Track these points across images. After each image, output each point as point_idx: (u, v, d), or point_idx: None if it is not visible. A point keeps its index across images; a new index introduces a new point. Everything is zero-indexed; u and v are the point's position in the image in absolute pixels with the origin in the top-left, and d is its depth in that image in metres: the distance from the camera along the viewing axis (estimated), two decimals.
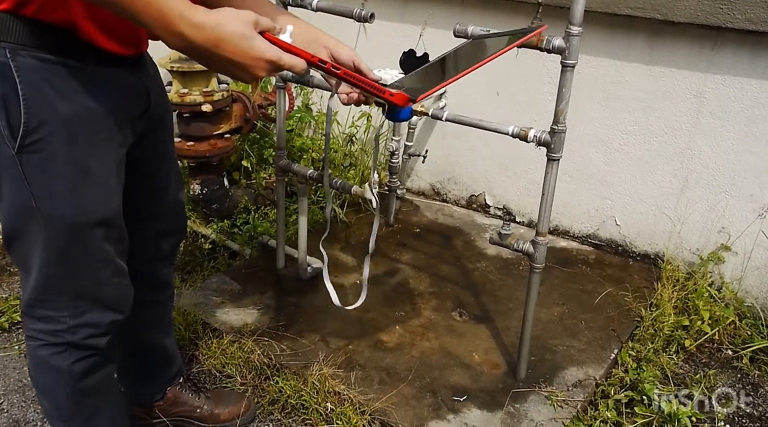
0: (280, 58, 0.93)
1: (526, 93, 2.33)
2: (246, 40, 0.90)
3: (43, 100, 1.00)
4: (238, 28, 0.90)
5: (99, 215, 1.11)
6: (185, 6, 0.88)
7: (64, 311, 1.15)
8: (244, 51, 0.91)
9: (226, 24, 0.89)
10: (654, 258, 2.27)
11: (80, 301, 1.16)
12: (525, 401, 1.65)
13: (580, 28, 1.34)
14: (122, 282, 1.22)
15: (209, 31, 0.88)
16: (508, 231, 1.59)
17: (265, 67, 0.93)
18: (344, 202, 2.55)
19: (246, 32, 0.90)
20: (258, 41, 0.92)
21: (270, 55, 0.92)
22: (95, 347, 1.21)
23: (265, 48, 0.92)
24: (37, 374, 1.24)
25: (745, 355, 1.90)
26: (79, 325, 1.17)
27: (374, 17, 1.61)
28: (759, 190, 2.01)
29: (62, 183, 1.06)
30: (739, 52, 1.93)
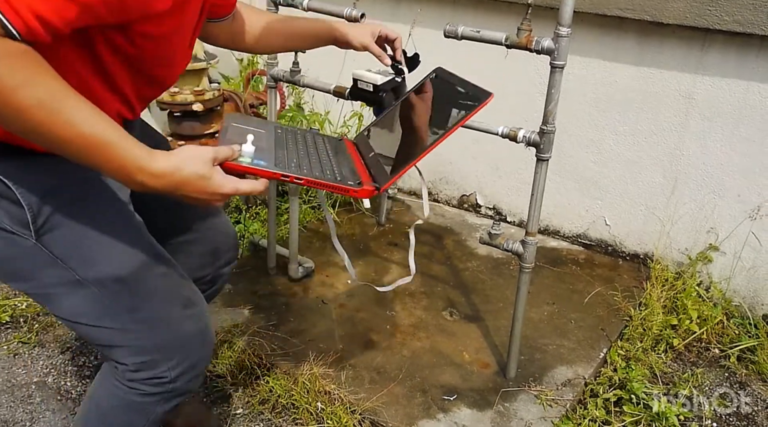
0: (237, 189, 0.97)
1: (516, 94, 2.34)
2: (203, 180, 0.94)
3: (31, 180, 0.99)
4: (196, 170, 0.93)
5: (139, 259, 1.09)
6: (143, 156, 0.90)
7: (162, 366, 1.13)
8: (202, 189, 0.94)
9: (183, 168, 0.92)
10: (643, 258, 2.29)
11: (170, 350, 1.13)
12: (515, 400, 1.66)
13: (569, 29, 1.35)
14: (196, 312, 1.17)
15: (168, 178, 0.92)
16: (498, 231, 1.59)
17: (222, 199, 0.98)
18: (335, 201, 2.55)
19: (203, 172, 0.93)
20: (215, 179, 0.95)
21: (227, 189, 0.96)
22: (194, 388, 1.20)
23: (221, 183, 0.95)
24: (118, 411, 1.18)
25: (733, 354, 1.92)
26: (180, 374, 1.15)
27: (365, 17, 1.62)
28: (747, 191, 2.03)
29: (91, 244, 1.05)
30: (726, 54, 1.95)
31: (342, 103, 2.63)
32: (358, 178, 1.09)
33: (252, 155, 1.01)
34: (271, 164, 1.02)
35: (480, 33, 1.45)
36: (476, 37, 1.46)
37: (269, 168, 1.01)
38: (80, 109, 0.86)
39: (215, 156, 0.96)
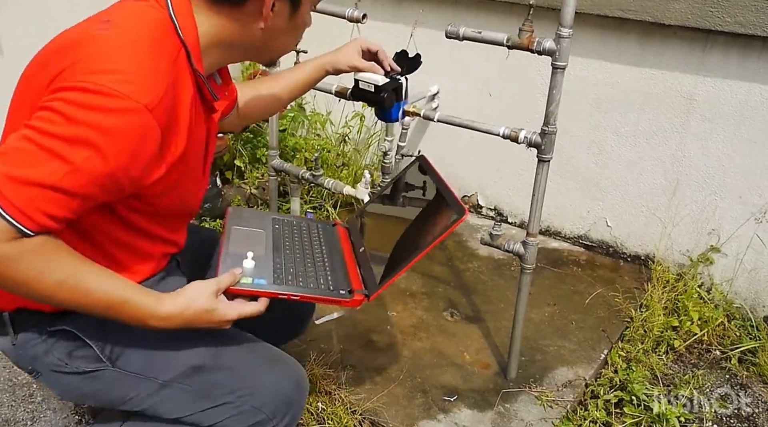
0: (240, 314, 1.06)
1: (517, 94, 2.34)
2: (209, 313, 1.03)
3: (88, 321, 1.05)
4: (201, 305, 1.02)
5: (205, 340, 1.13)
6: (152, 304, 0.99)
7: (268, 425, 1.15)
8: (208, 321, 1.04)
9: (190, 306, 1.01)
10: (644, 259, 2.29)
11: (272, 408, 1.14)
12: (515, 401, 1.66)
13: (571, 30, 1.35)
14: (284, 366, 1.19)
15: (178, 319, 1.01)
16: (500, 232, 1.59)
17: (230, 323, 1.06)
18: (336, 202, 2.55)
19: (208, 306, 1.03)
20: (220, 309, 1.04)
21: (231, 316, 1.05)
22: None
23: (226, 311, 1.04)
24: None
25: (734, 356, 1.92)
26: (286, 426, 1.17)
27: (367, 18, 1.62)
28: (748, 192, 2.02)
29: (157, 350, 1.11)
30: (728, 55, 1.94)
31: (343, 104, 2.63)
32: (349, 286, 1.19)
33: (252, 272, 1.11)
34: (270, 281, 1.12)
35: (481, 34, 1.45)
36: (478, 38, 1.46)
37: (268, 288, 1.10)
38: (95, 279, 0.96)
39: (218, 287, 1.04)
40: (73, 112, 0.86)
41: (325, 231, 1.37)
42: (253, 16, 1.02)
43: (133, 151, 0.90)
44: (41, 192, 0.87)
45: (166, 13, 0.98)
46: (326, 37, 1.88)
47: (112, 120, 0.87)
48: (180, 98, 0.98)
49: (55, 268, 0.92)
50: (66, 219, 0.92)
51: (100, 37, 0.92)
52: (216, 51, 1.05)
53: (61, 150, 0.86)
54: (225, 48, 1.05)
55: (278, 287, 1.11)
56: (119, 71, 0.88)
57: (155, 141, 0.93)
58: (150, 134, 0.91)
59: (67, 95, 0.87)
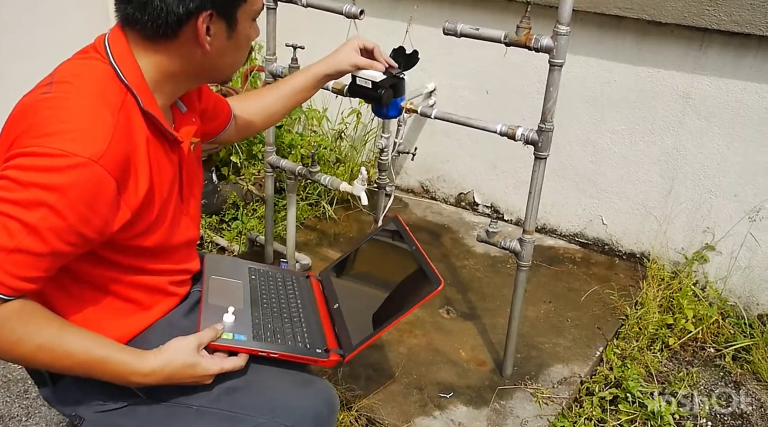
0: (222, 369, 1.07)
1: (514, 92, 2.34)
2: (190, 368, 1.04)
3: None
4: (183, 361, 1.03)
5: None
6: (133, 362, 1.00)
7: None
8: (190, 376, 1.05)
9: (171, 362, 1.03)
10: (640, 257, 2.29)
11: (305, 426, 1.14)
12: (511, 398, 1.67)
13: (568, 27, 1.35)
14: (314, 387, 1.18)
15: (158, 375, 1.02)
16: (496, 229, 1.60)
17: (211, 378, 1.07)
18: (333, 199, 2.55)
19: (190, 361, 1.04)
20: (202, 364, 1.05)
21: (213, 371, 1.06)
22: None
23: (208, 367, 1.06)
24: None
25: (728, 353, 1.93)
26: None
27: (364, 14, 1.61)
28: (743, 191, 2.03)
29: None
30: (724, 54, 1.95)
31: (340, 100, 2.63)
32: (325, 345, 1.22)
33: (233, 328, 1.13)
34: (249, 338, 1.14)
35: (479, 31, 1.45)
36: (475, 35, 1.46)
37: (248, 345, 1.12)
38: (74, 340, 0.97)
39: (200, 343, 1.06)
40: (23, 177, 0.90)
41: (299, 284, 1.39)
42: (191, 45, 1.02)
43: (87, 202, 0.92)
44: (7, 256, 0.90)
45: (107, 63, 1.00)
46: (323, 33, 1.88)
47: (61, 177, 0.90)
48: (133, 142, 0.99)
49: (34, 332, 0.94)
50: (41, 278, 0.94)
51: (44, 100, 0.95)
52: (167, 85, 1.06)
53: (17, 213, 0.89)
54: (175, 80, 1.07)
55: (258, 343, 1.14)
56: (62, 131, 0.91)
57: (108, 189, 0.94)
58: (101, 184, 0.93)
59: (18, 162, 0.91)
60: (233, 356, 1.11)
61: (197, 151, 1.23)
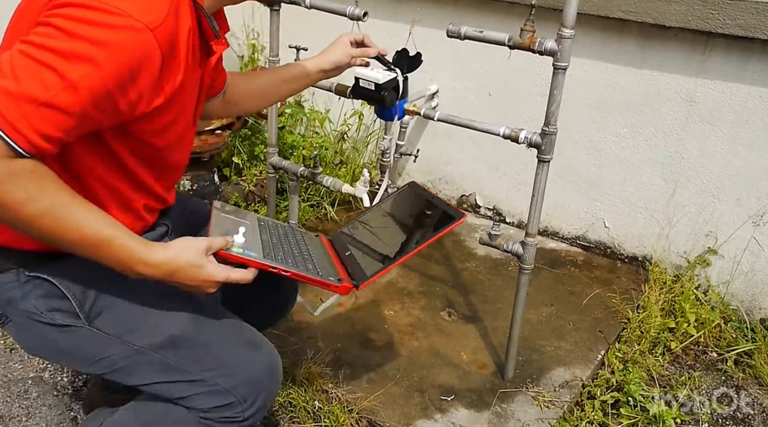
0: (228, 277, 1.04)
1: (517, 94, 2.33)
2: (196, 268, 1.00)
3: (72, 274, 1.06)
4: (189, 259, 1.00)
5: (193, 318, 1.13)
6: (141, 249, 0.97)
7: (238, 408, 1.15)
8: (194, 277, 1.01)
9: (178, 258, 0.99)
10: (642, 260, 2.29)
11: (242, 391, 1.14)
12: (512, 401, 1.66)
13: (573, 30, 1.35)
14: (262, 351, 1.18)
15: (164, 268, 0.99)
16: (498, 232, 1.59)
17: (213, 286, 1.04)
18: (335, 200, 2.55)
19: (197, 261, 1.00)
20: (208, 268, 1.01)
21: (218, 277, 1.03)
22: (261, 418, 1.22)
23: (214, 272, 1.02)
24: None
25: (730, 358, 1.92)
26: (253, 412, 1.17)
27: (368, 16, 1.61)
28: (746, 195, 2.03)
29: (139, 316, 1.10)
30: (729, 58, 1.95)
31: (342, 102, 2.63)
32: (337, 275, 1.17)
33: (243, 246, 1.09)
34: (260, 255, 1.09)
35: (483, 33, 1.45)
36: (479, 38, 1.46)
37: (259, 259, 1.08)
38: (82, 214, 0.93)
39: (209, 246, 1.03)
40: (72, 27, 0.85)
41: (307, 236, 1.37)
42: None
43: (132, 69, 0.88)
44: (35, 109, 0.84)
45: None
46: (327, 36, 1.87)
47: (114, 36, 0.85)
48: (180, 27, 0.96)
49: (43, 196, 0.88)
50: (60, 141, 0.89)
51: None
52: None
53: (58, 65, 0.84)
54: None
55: (269, 260, 1.09)
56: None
57: (155, 63, 0.91)
58: (150, 55, 0.89)
59: (67, 11, 0.86)
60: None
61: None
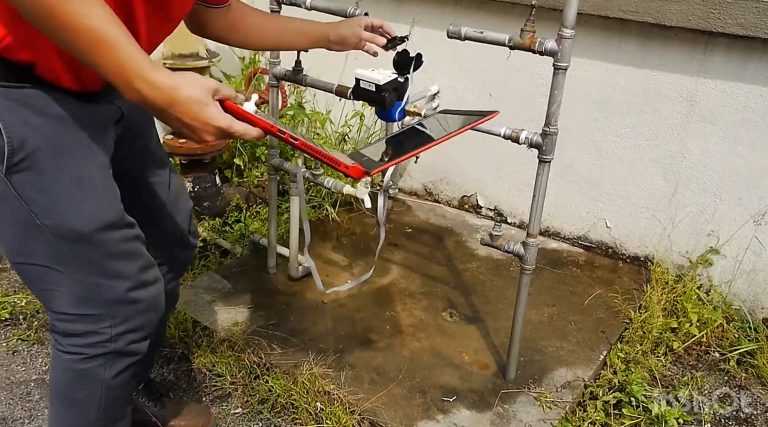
0: (230, 126, 0.96)
1: (518, 94, 2.33)
2: (198, 104, 0.94)
3: (19, 119, 1.00)
4: (194, 94, 0.93)
5: (104, 219, 1.10)
6: (145, 64, 0.90)
7: (105, 322, 1.14)
8: (194, 115, 0.94)
9: (182, 88, 0.93)
10: (644, 260, 2.29)
11: (117, 306, 1.14)
12: (514, 402, 1.66)
13: (573, 30, 1.35)
14: (150, 278, 1.20)
15: (164, 92, 0.92)
16: (499, 232, 1.59)
17: (212, 132, 0.96)
18: (336, 201, 2.55)
19: (201, 98, 0.94)
20: (211, 108, 0.95)
21: (220, 122, 0.95)
22: (137, 352, 1.21)
23: (216, 115, 0.95)
24: (70, 386, 1.21)
25: (732, 357, 1.92)
26: (120, 332, 1.16)
27: (368, 17, 1.61)
28: (748, 195, 2.02)
29: (59, 196, 1.06)
30: (729, 57, 1.94)
31: (343, 103, 2.63)
32: (351, 161, 1.09)
33: (253, 112, 1.01)
34: (270, 121, 1.02)
35: (483, 34, 1.45)
36: (480, 38, 1.46)
37: (268, 121, 1.01)
38: (102, 10, 0.87)
39: (217, 88, 0.96)
40: None
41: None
42: None
43: None
44: None
45: None
46: None
47: None
48: None
49: None
50: None
51: None
52: None
53: None
54: None
55: (279, 125, 1.02)
56: None
57: None
58: None
59: None
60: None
61: None
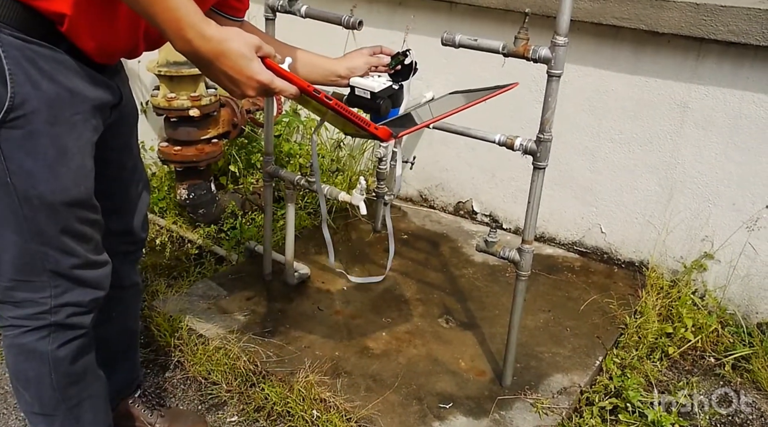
0: (272, 82, 1.03)
1: (512, 101, 2.34)
2: (245, 59, 1.00)
3: (26, 77, 1.02)
4: (240, 48, 0.99)
5: (74, 195, 1.12)
6: (199, 18, 0.97)
7: (45, 292, 1.15)
8: (239, 68, 1.00)
9: (230, 41, 0.99)
10: (639, 266, 2.29)
11: (60, 280, 1.16)
12: (510, 409, 1.66)
13: (566, 38, 1.36)
14: (100, 260, 1.22)
15: (214, 44, 0.98)
16: (495, 239, 1.59)
17: (255, 87, 1.02)
18: (332, 208, 2.55)
19: (247, 53, 1.00)
20: (255, 63, 1.01)
21: (262, 77, 1.02)
22: (80, 325, 1.21)
23: (260, 70, 1.01)
24: (19, 363, 1.22)
25: (728, 362, 1.92)
26: (60, 304, 1.17)
27: (363, 24, 1.62)
28: (741, 200, 2.03)
29: (40, 162, 1.07)
30: (721, 63, 1.96)
31: None
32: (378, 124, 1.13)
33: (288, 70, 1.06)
34: (305, 81, 1.07)
35: (477, 42, 1.45)
36: (474, 46, 1.46)
37: (305, 81, 1.06)
38: None
39: (260, 45, 1.02)
40: None
41: None
42: None
43: None
44: None
45: None
46: (322, 44, 1.88)
47: None
48: None
49: None
50: None
51: None
52: None
53: None
54: None
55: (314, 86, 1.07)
56: None
57: None
58: None
59: None
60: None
61: None
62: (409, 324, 1.96)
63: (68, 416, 1.27)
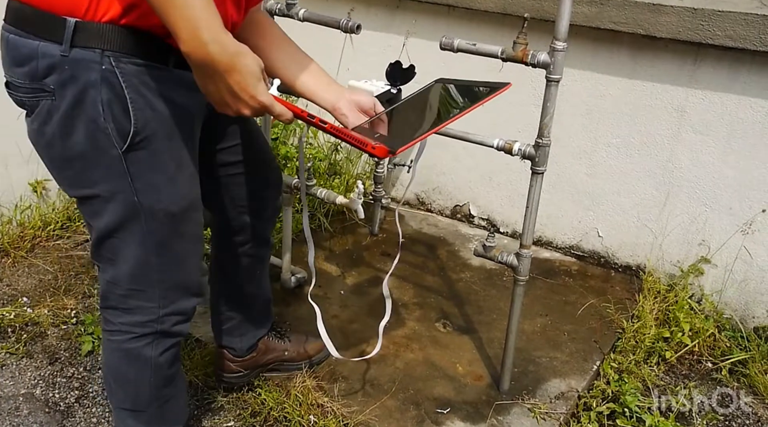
0: (272, 105, 1.04)
1: (510, 105, 2.34)
2: (254, 78, 0.99)
3: (144, 101, 1.07)
4: (253, 67, 0.99)
5: (191, 199, 1.19)
6: (219, 23, 0.95)
7: (155, 302, 1.21)
8: (246, 86, 0.98)
9: (246, 56, 0.98)
10: (636, 270, 2.29)
11: (172, 290, 1.23)
12: (508, 414, 1.65)
13: (565, 43, 1.36)
14: (202, 265, 1.31)
15: (229, 54, 0.95)
16: (493, 243, 1.59)
17: (254, 108, 1.02)
18: (328, 211, 2.54)
19: (257, 73, 1.00)
20: (262, 85, 1.01)
21: (264, 99, 1.02)
22: (181, 333, 1.29)
23: (264, 92, 1.02)
24: (122, 365, 1.28)
25: (725, 367, 1.93)
26: (167, 314, 1.23)
27: (361, 28, 1.62)
28: (738, 204, 2.04)
29: (163, 176, 1.13)
30: (719, 68, 1.96)
31: None
32: (375, 141, 1.13)
33: (278, 95, 1.08)
34: (299, 107, 1.09)
35: (476, 46, 1.45)
36: (472, 50, 1.46)
37: (297, 106, 1.08)
38: None
39: (264, 66, 1.03)
40: None
41: None
42: None
43: None
44: None
45: None
46: (320, 48, 1.88)
47: None
48: None
49: None
50: None
51: None
52: None
53: None
54: None
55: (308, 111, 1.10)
56: None
57: None
58: None
59: None
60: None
61: None
62: (406, 328, 1.96)
63: (156, 413, 1.34)
